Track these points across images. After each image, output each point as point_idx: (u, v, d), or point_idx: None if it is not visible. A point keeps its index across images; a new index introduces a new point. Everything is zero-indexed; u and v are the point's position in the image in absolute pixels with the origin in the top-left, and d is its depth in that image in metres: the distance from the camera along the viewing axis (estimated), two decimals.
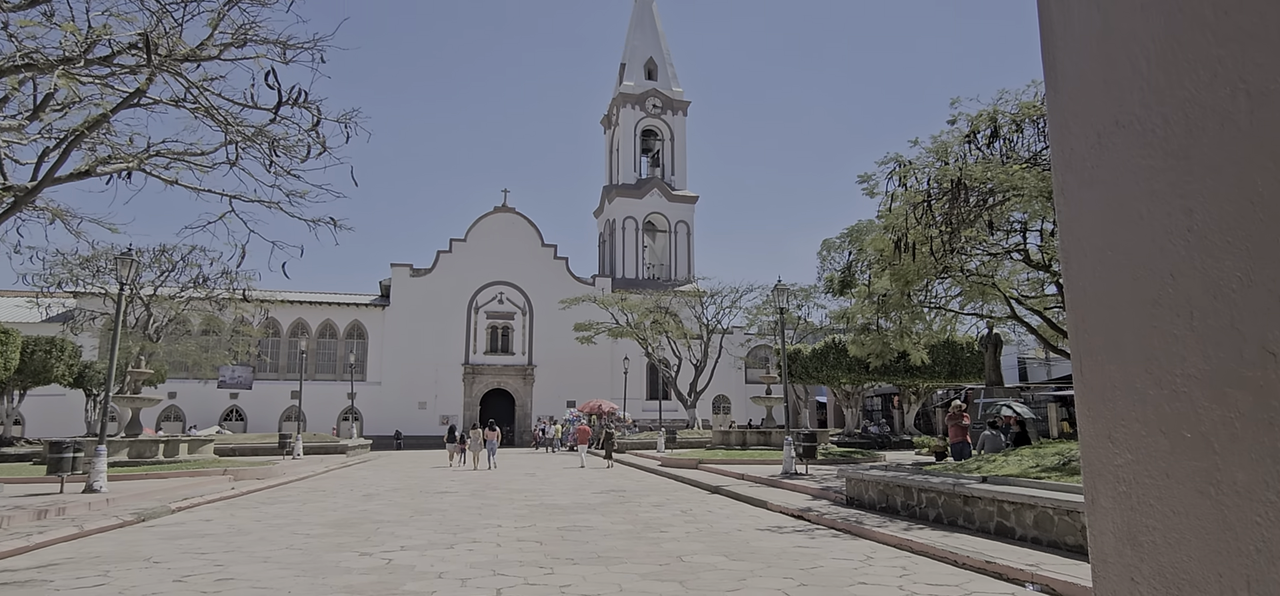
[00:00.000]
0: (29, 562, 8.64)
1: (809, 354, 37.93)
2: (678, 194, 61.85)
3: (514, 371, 54.56)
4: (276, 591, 6.92)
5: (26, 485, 16.99)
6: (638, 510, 13.53)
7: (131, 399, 24.12)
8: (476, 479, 21.61)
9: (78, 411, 42.28)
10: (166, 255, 31.29)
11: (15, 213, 10.05)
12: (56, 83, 8.75)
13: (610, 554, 8.94)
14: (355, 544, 9.69)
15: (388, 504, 14.72)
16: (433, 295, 53.41)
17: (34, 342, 31.15)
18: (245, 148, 11.92)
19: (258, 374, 49.15)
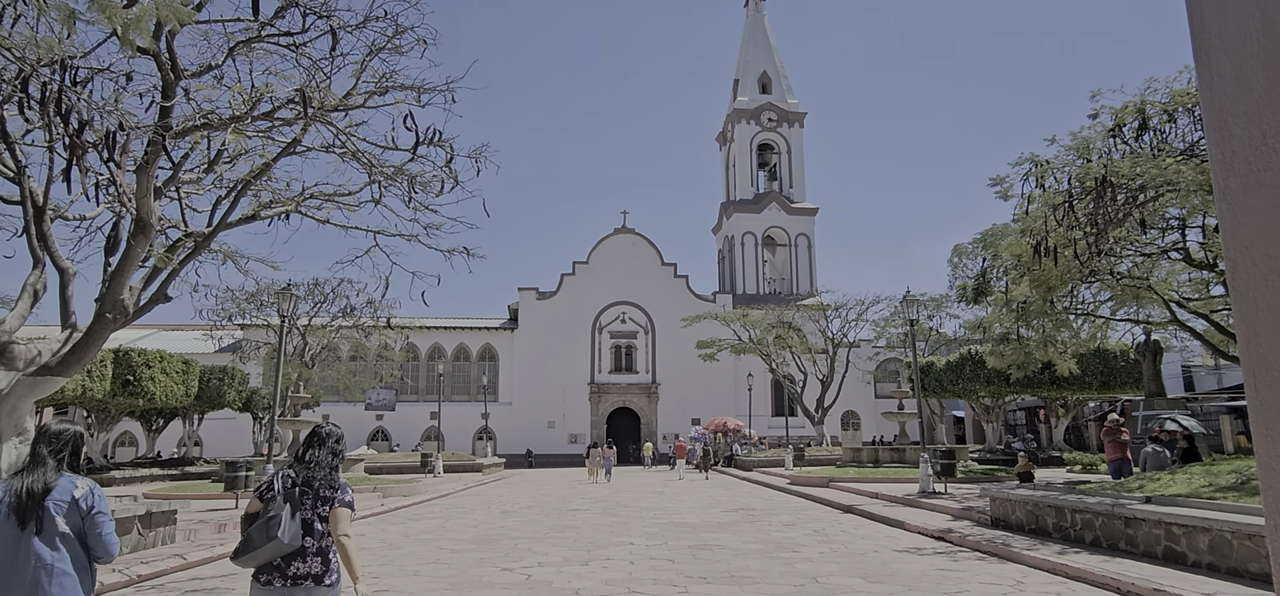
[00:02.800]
0: (213, 572, 9.58)
1: (943, 366, 36.23)
2: (796, 206, 60.90)
3: (638, 390, 55.22)
4: None
5: (208, 501, 18.82)
6: (768, 529, 13.37)
7: (292, 421, 26.25)
8: (606, 497, 22.01)
9: (247, 433, 46.42)
10: (319, 288, 33.93)
11: (195, 257, 11.24)
12: (228, 139, 9.74)
13: (743, 574, 8.89)
14: (496, 559, 10.12)
15: (524, 521, 15.26)
16: (558, 317, 55.03)
17: (209, 371, 34.51)
18: (387, 186, 12.80)
19: (400, 396, 52.24)
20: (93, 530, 3.29)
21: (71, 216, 11.43)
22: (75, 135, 6.87)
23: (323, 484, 3.75)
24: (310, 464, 3.78)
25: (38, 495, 3.19)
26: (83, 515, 3.27)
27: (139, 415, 35.19)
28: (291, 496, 3.66)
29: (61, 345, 10.22)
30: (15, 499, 3.17)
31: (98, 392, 26.69)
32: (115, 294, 9.70)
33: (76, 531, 3.24)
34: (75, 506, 3.26)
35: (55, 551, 3.16)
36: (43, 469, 3.28)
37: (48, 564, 3.13)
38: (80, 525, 3.26)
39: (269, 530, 3.52)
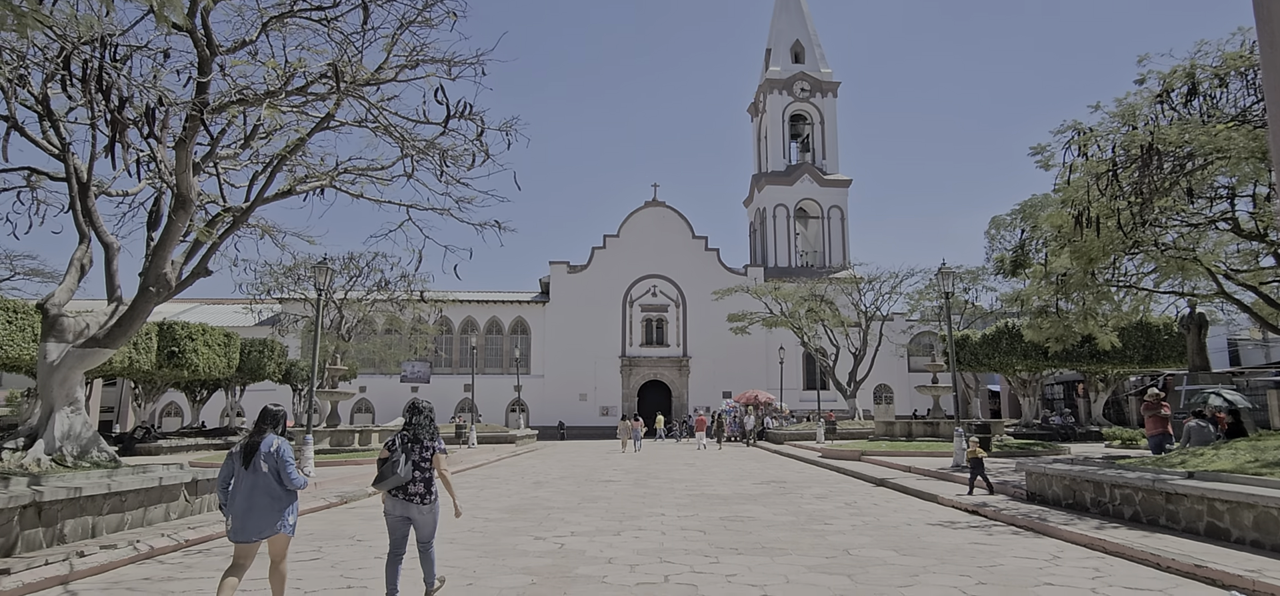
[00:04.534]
0: None
1: (978, 340, 35.69)
2: (829, 178, 60.09)
3: (669, 363, 55.31)
4: (464, 570, 7.48)
5: None
6: (800, 502, 13.36)
7: (330, 393, 26.77)
8: (637, 468, 22.16)
9: (287, 405, 47.49)
10: (354, 262, 34.40)
11: (233, 231, 11.45)
12: (263, 114, 9.85)
13: (774, 545, 8.90)
14: (529, 528, 10.26)
15: (556, 491, 15.43)
16: (589, 290, 55.20)
17: (249, 344, 35.29)
18: (419, 160, 12.89)
19: (434, 369, 52.97)
20: (279, 468, 5.39)
21: (114, 192, 11.70)
22: (116, 111, 7.00)
23: (424, 437, 5.88)
24: (415, 426, 5.88)
25: (252, 446, 5.42)
26: (274, 459, 5.39)
27: (183, 386, 36.16)
28: (405, 447, 5.79)
29: (108, 318, 10.51)
30: (241, 447, 5.45)
31: (144, 364, 27.45)
32: (158, 267, 9.92)
33: (272, 468, 5.37)
34: (270, 454, 5.39)
35: (260, 476, 5.34)
36: (258, 432, 5.50)
37: (257, 483, 5.34)
38: (274, 464, 5.38)
39: (392, 468, 5.67)
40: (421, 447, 5.79)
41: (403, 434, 5.84)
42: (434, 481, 5.83)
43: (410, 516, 5.77)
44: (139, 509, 10.05)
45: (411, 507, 5.73)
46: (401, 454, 5.70)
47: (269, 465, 5.30)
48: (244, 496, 5.25)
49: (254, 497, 5.24)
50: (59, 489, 8.60)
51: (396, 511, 5.75)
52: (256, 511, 5.23)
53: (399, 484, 5.66)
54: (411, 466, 5.70)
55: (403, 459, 5.67)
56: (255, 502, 5.23)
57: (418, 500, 5.73)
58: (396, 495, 5.71)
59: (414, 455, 5.74)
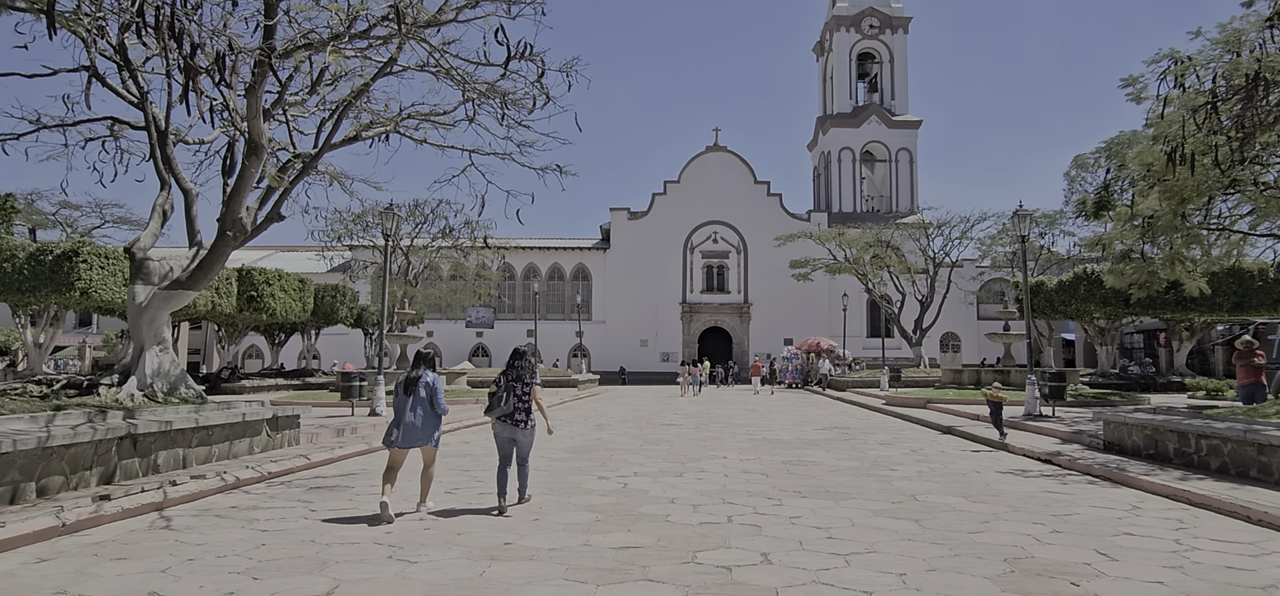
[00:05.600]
0: (334, 471, 10.26)
1: (1054, 286, 34.32)
2: (898, 119, 58.08)
3: (730, 309, 55.06)
4: (531, 506, 7.62)
5: (326, 408, 20.13)
6: (864, 447, 13.19)
7: (399, 336, 27.56)
8: (698, 413, 22.24)
9: (359, 347, 49.23)
10: (419, 209, 35.04)
11: (303, 177, 11.72)
12: (328, 59, 9.95)
13: (839, 489, 8.81)
14: (593, 469, 10.40)
15: (618, 434, 15.60)
16: (649, 237, 55.08)
17: (323, 290, 36.52)
18: (480, 104, 12.89)
19: (498, 314, 54.00)
20: (433, 396, 7.19)
21: (191, 140, 12.07)
22: (188, 58, 7.15)
23: (526, 375, 7.45)
24: (518, 367, 7.44)
25: (412, 378, 7.18)
26: (429, 389, 7.17)
27: (263, 329, 37.76)
28: (510, 384, 7.39)
29: (190, 261, 10.93)
30: (404, 379, 7.19)
31: (226, 308, 28.71)
32: (234, 212, 10.24)
33: (429, 395, 7.16)
34: (428, 384, 7.18)
35: (420, 401, 7.12)
36: (418, 368, 7.27)
37: (416, 408, 7.09)
38: (429, 393, 7.17)
39: (500, 399, 7.31)
40: (522, 384, 7.38)
41: (507, 372, 7.41)
42: (532, 409, 7.44)
43: (514, 437, 7.36)
44: (225, 442, 10.56)
45: (515, 430, 7.34)
46: (506, 389, 7.31)
47: (426, 393, 7.12)
48: (407, 417, 7.01)
49: (415, 417, 7.02)
50: (151, 422, 9.08)
51: (504, 433, 7.37)
52: (418, 427, 7.04)
53: (505, 412, 7.27)
54: (515, 398, 7.32)
55: (506, 392, 7.29)
56: (416, 421, 7.03)
57: (520, 424, 7.33)
58: (504, 420, 7.32)
59: (517, 389, 7.35)
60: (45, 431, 7.58)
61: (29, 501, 7.28)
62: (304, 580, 5.08)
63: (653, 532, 6.49)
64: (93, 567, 5.40)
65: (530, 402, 7.39)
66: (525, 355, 7.49)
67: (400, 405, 7.10)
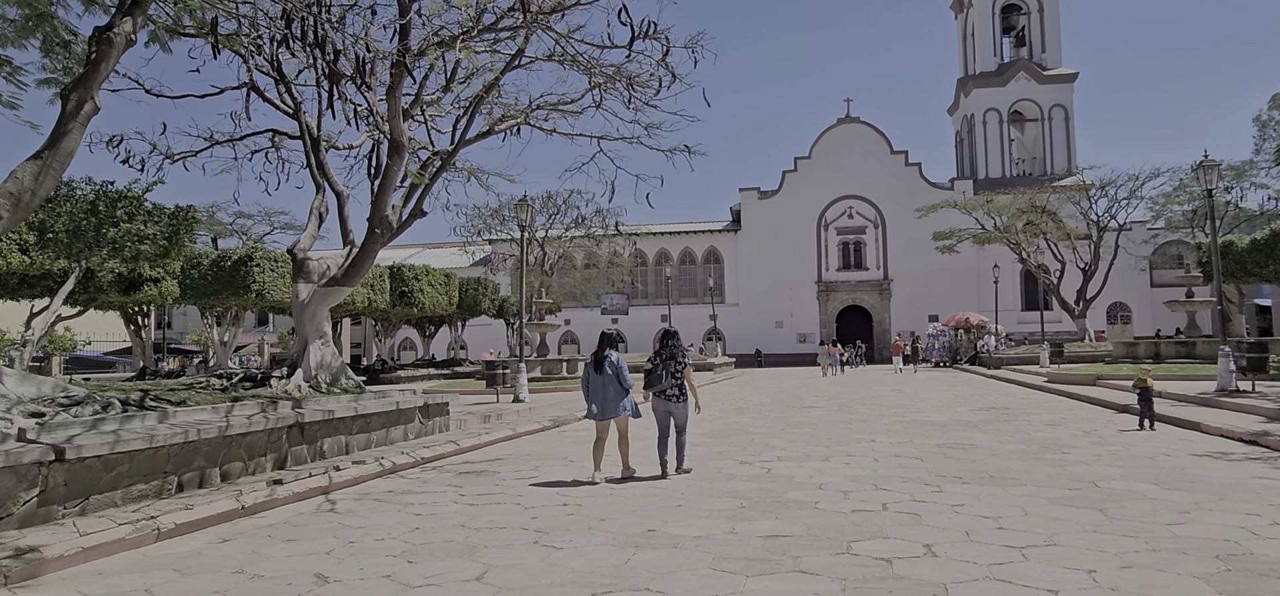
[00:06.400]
0: (482, 456, 10.57)
1: (1246, 246, 30.50)
2: (1050, 74, 53.63)
3: (869, 287, 53.00)
4: (672, 492, 7.48)
5: (473, 396, 21.00)
6: (1028, 429, 12.15)
7: (538, 325, 28.38)
8: (841, 394, 21.45)
9: (501, 336, 51.32)
10: (552, 200, 35.91)
11: (442, 173, 12.13)
12: (459, 55, 10.18)
13: (1005, 475, 8.08)
14: (734, 453, 10.14)
15: (758, 417, 15.24)
16: (781, 216, 53.88)
17: (466, 283, 38.23)
18: (607, 89, 12.86)
19: (632, 300, 54.66)
20: (619, 373, 8.06)
21: (341, 145, 12.78)
22: (331, 64, 7.47)
23: (678, 355, 8.28)
24: (670, 347, 8.30)
25: (600, 357, 8.10)
26: (614, 367, 8.07)
27: (414, 322, 40.04)
28: (663, 363, 8.25)
29: (344, 260, 11.58)
30: (593, 360, 8.14)
31: (381, 304, 30.62)
32: (380, 211, 10.72)
33: (614, 372, 8.05)
34: (613, 364, 8.08)
35: (608, 378, 8.05)
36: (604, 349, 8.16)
37: (606, 383, 8.07)
38: (615, 370, 8.05)
39: (657, 377, 8.22)
40: (675, 362, 8.22)
41: (660, 353, 8.30)
42: (684, 385, 8.27)
43: (670, 410, 8.23)
44: (381, 429, 11.14)
45: (670, 404, 8.22)
46: (661, 367, 8.20)
47: (613, 370, 8.05)
48: (600, 392, 8.07)
49: (606, 392, 8.05)
50: (316, 412, 9.68)
51: (660, 408, 8.27)
52: (609, 401, 8.04)
53: (661, 388, 8.19)
54: (668, 376, 8.19)
55: (662, 370, 8.18)
56: (608, 396, 8.04)
57: (674, 399, 8.20)
58: (659, 396, 8.23)
59: (671, 367, 8.22)
60: (225, 421, 8.21)
61: (214, 485, 7.91)
62: (454, 564, 5.15)
63: (801, 520, 6.15)
64: (266, 548, 5.74)
65: (681, 379, 8.20)
66: (676, 336, 8.43)
67: (593, 383, 8.11)
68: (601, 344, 8.25)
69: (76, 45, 8.66)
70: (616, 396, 8.03)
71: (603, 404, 8.07)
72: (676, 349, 8.25)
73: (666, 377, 8.15)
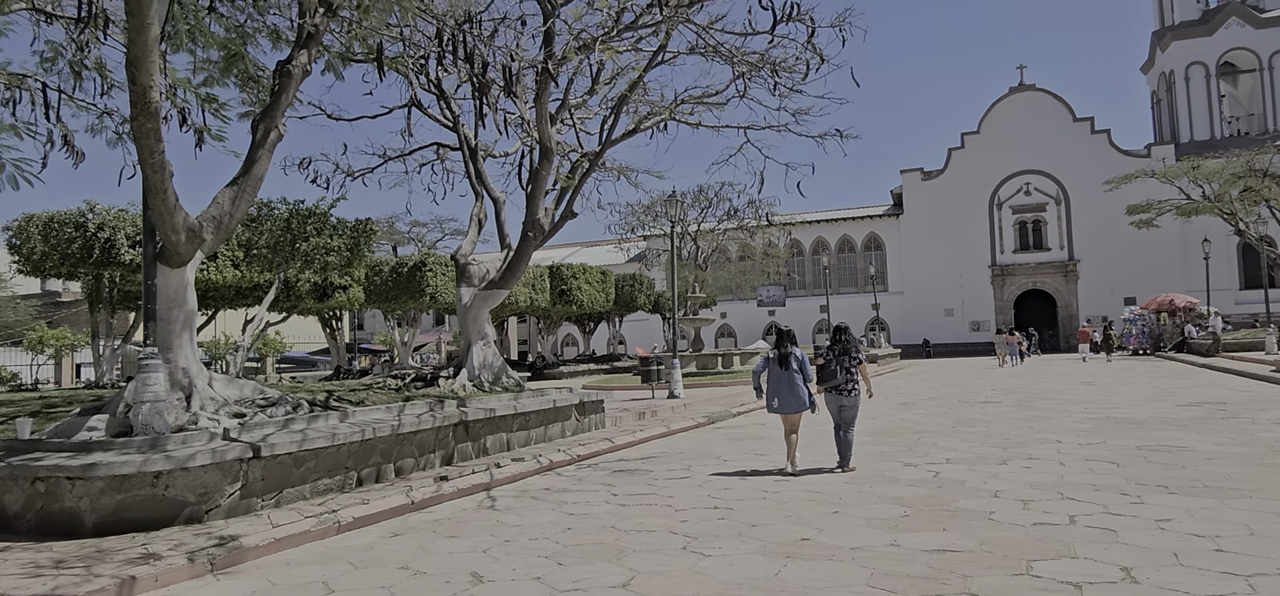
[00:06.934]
0: (636, 454, 10.64)
1: None
2: (1268, 16, 46.73)
3: (1051, 269, 48.73)
4: (828, 497, 7.11)
5: (629, 392, 21.35)
6: (1252, 428, 10.54)
7: (693, 320, 28.40)
8: (1020, 388, 19.79)
9: (658, 331, 52.00)
10: (703, 194, 35.83)
11: (591, 174, 12.35)
12: (602, 57, 10.26)
13: (1223, 483, 7.00)
14: (897, 453, 9.54)
15: (925, 413, 14.34)
16: (947, 197, 50.70)
17: (622, 279, 39.04)
18: (751, 78, 12.55)
19: (789, 291, 53.50)
20: (801, 368, 8.29)
21: (497, 154, 13.34)
22: (480, 75, 7.73)
23: (852, 349, 8.40)
24: (844, 341, 8.43)
25: (785, 353, 8.34)
26: (798, 361, 8.30)
27: (574, 319, 41.46)
28: (836, 358, 8.38)
29: (502, 263, 12.06)
30: (776, 356, 8.39)
31: (542, 302, 31.91)
32: (533, 214, 11.05)
33: (797, 367, 8.26)
34: (796, 359, 8.30)
35: (791, 373, 8.26)
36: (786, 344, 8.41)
37: (789, 378, 8.27)
38: (797, 365, 8.27)
39: (831, 372, 8.33)
40: (848, 357, 8.36)
41: (834, 347, 8.45)
42: (857, 379, 8.38)
43: (841, 404, 8.32)
44: (540, 427, 11.50)
45: (842, 398, 8.32)
46: (835, 361, 8.35)
47: (797, 365, 8.29)
48: (783, 387, 8.28)
49: (792, 386, 8.23)
50: (479, 410, 10.14)
51: (833, 403, 8.40)
52: (793, 395, 8.22)
53: (834, 384, 8.32)
54: (842, 370, 8.32)
55: (836, 365, 8.33)
56: (792, 390, 8.23)
57: (846, 393, 8.31)
58: (831, 391, 8.36)
59: (845, 362, 8.35)
60: (397, 421, 8.76)
61: (388, 480, 8.46)
62: (602, 568, 5.13)
63: (974, 533, 5.62)
64: (430, 544, 6.01)
65: (856, 374, 8.34)
66: (848, 330, 8.57)
67: (776, 377, 8.34)
68: (782, 339, 8.49)
69: (264, 79, 9.54)
70: (800, 391, 8.24)
71: (786, 398, 8.27)
72: (850, 343, 8.38)
73: (841, 372, 8.28)
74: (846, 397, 8.27)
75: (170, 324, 7.71)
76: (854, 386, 8.31)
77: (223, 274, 17.87)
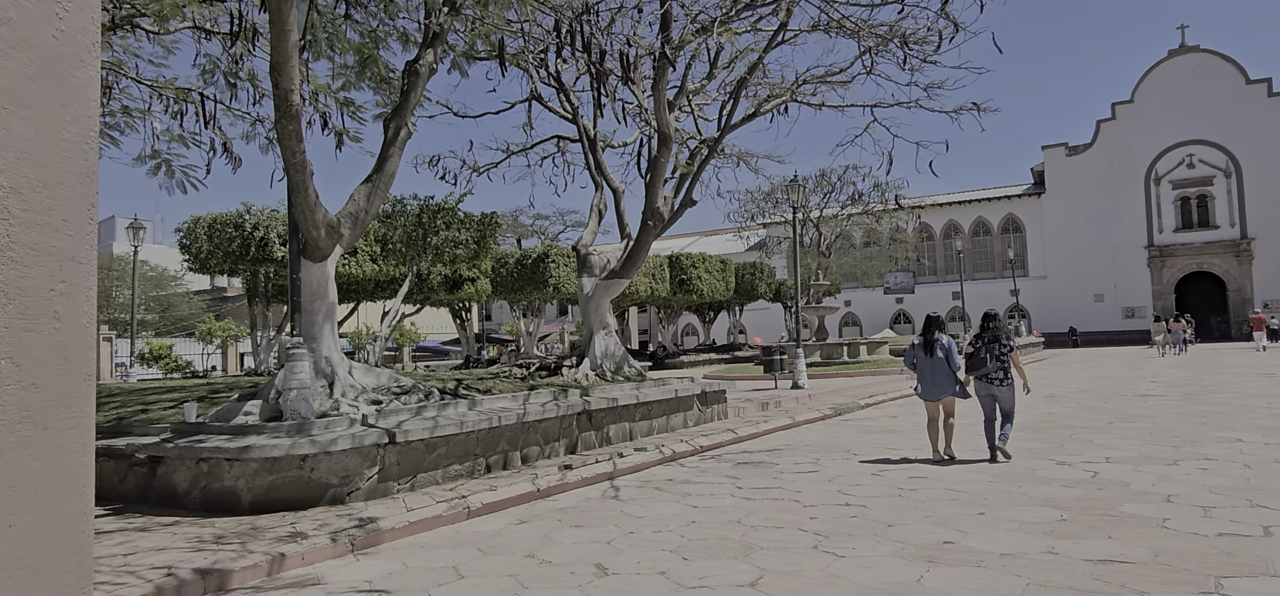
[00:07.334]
0: (760, 446, 10.37)
1: None
2: None
3: (1219, 248, 44.10)
4: (971, 496, 6.62)
5: (751, 382, 20.99)
6: None
7: (816, 308, 27.62)
8: (1186, 379, 17.95)
9: (779, 320, 51.05)
10: (825, 178, 34.73)
11: (710, 161, 12.11)
12: (720, 40, 10.00)
13: None
14: (1047, 451, 8.79)
15: (1076, 406, 13.22)
16: (1096, 172, 46.84)
17: (742, 268, 38.51)
18: (878, 52, 11.91)
19: (918, 278, 51.13)
20: (949, 356, 8.23)
21: (616, 144, 13.34)
22: (597, 64, 7.68)
23: (1002, 337, 8.16)
24: (993, 329, 8.24)
25: (931, 340, 8.30)
26: (945, 349, 8.23)
27: (694, 308, 41.33)
28: (986, 346, 8.17)
29: (622, 253, 12.06)
30: (923, 342, 8.40)
31: (662, 292, 31.97)
32: (652, 202, 10.96)
33: (945, 355, 8.21)
34: (944, 346, 8.24)
35: (938, 361, 8.22)
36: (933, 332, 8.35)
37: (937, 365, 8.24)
38: (946, 352, 8.22)
39: (981, 361, 8.14)
40: (999, 345, 8.11)
41: (983, 335, 8.26)
42: (1009, 368, 8.09)
43: (994, 394, 8.11)
44: (662, 417, 11.43)
45: (993, 388, 8.11)
46: (985, 350, 8.13)
47: (943, 353, 8.24)
48: (930, 374, 8.28)
49: (936, 374, 8.24)
50: (601, 399, 10.18)
51: (984, 392, 8.19)
52: (939, 382, 8.23)
53: (984, 373, 8.10)
54: (992, 359, 8.09)
55: (986, 354, 8.11)
56: (938, 377, 8.24)
57: (997, 382, 8.08)
58: (982, 380, 8.16)
59: (995, 350, 8.10)
60: (522, 409, 8.91)
61: (515, 467, 8.62)
62: (728, 566, 4.95)
63: (1145, 543, 5.02)
64: (555, 533, 6.03)
65: (1007, 362, 8.07)
66: (998, 318, 8.43)
67: (923, 365, 8.36)
68: (929, 326, 8.44)
69: (394, 80, 9.93)
70: (946, 378, 8.22)
71: (931, 385, 8.29)
72: (1000, 331, 8.20)
73: (991, 361, 8.07)
74: (1000, 388, 8.06)
75: (313, 315, 8.15)
76: (1007, 376, 8.05)
77: (362, 268, 18.94)
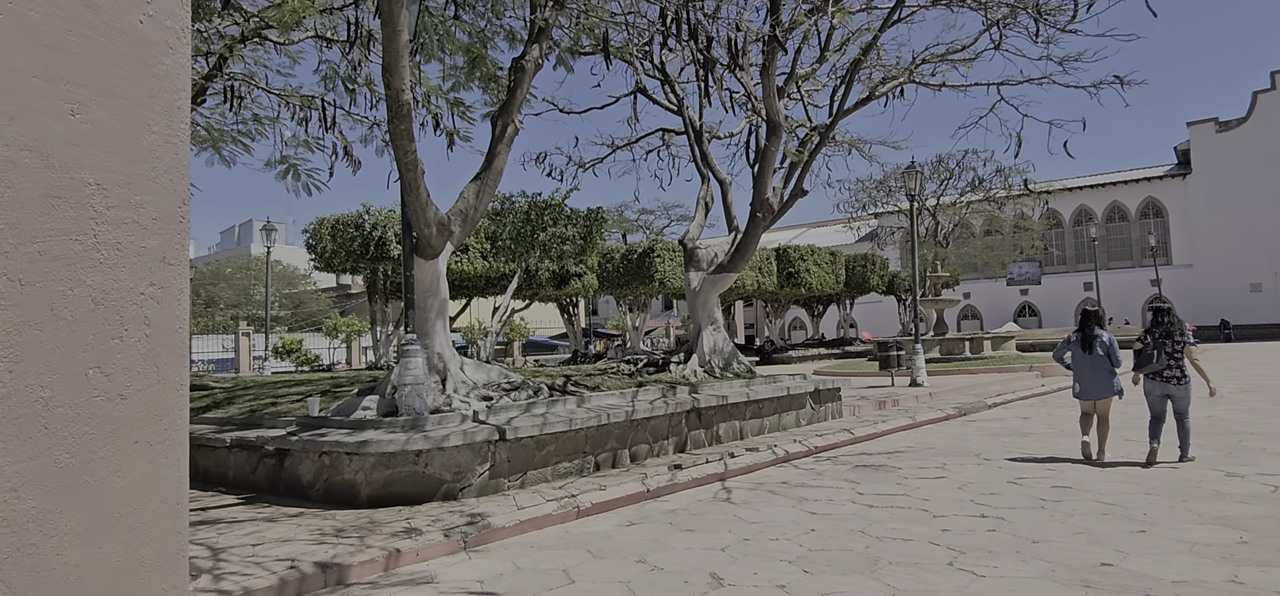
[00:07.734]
0: (879, 447, 9.83)
1: None
2: None
3: None
4: (1128, 511, 5.94)
5: (865, 378, 20.15)
6: None
7: (934, 301, 26.30)
8: None
9: (892, 313, 49.12)
10: (944, 164, 33.02)
11: (821, 148, 11.59)
12: (833, 21, 9.50)
13: None
14: (1214, 460, 7.86)
15: (1242, 410, 11.88)
16: (1251, 149, 42.52)
17: (853, 259, 37.21)
18: (1007, 25, 11.06)
19: (1045, 268, 47.98)
20: (1109, 352, 7.85)
21: (722, 134, 13.00)
22: (705, 50, 7.41)
23: (1175, 332, 7.57)
24: (1166, 324, 7.62)
25: (1090, 336, 7.91)
26: (1105, 346, 7.85)
27: (802, 302, 40.30)
28: (1158, 342, 7.60)
29: (730, 246, 11.74)
30: (1080, 338, 7.99)
31: (769, 286, 31.31)
32: (761, 193, 10.58)
33: (1105, 351, 7.84)
34: (1104, 343, 7.86)
35: (1097, 358, 7.85)
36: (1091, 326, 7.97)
37: (1095, 362, 7.87)
38: (1106, 349, 7.84)
39: (1149, 357, 7.62)
40: (1172, 341, 7.56)
41: (1155, 330, 7.68)
42: (1186, 366, 7.53)
43: (1168, 394, 7.58)
44: (773, 415, 11.04)
45: (1168, 387, 7.56)
46: (1156, 346, 7.60)
47: (1103, 350, 7.84)
48: (1088, 371, 7.91)
49: (1097, 372, 7.85)
50: (711, 397, 9.91)
51: (1155, 391, 7.68)
52: (1096, 380, 7.85)
53: (1155, 370, 7.58)
54: (1165, 355, 7.55)
55: (1158, 351, 7.56)
56: (1096, 375, 7.85)
57: (1173, 381, 7.53)
58: (1154, 378, 7.65)
59: (1166, 346, 7.56)
60: (630, 406, 8.77)
61: (624, 465, 8.49)
62: (854, 581, 4.59)
63: None
64: (666, 537, 5.83)
65: (1183, 359, 7.53)
66: (1171, 311, 7.90)
67: (1080, 361, 7.97)
68: (1087, 321, 8.06)
69: (502, 79, 10.00)
70: (1107, 376, 7.82)
71: (1089, 383, 7.91)
72: (1174, 326, 7.68)
73: (1163, 357, 7.57)
74: (1176, 387, 7.51)
75: (426, 311, 8.28)
76: (1181, 374, 7.52)
77: (473, 264, 19.42)
